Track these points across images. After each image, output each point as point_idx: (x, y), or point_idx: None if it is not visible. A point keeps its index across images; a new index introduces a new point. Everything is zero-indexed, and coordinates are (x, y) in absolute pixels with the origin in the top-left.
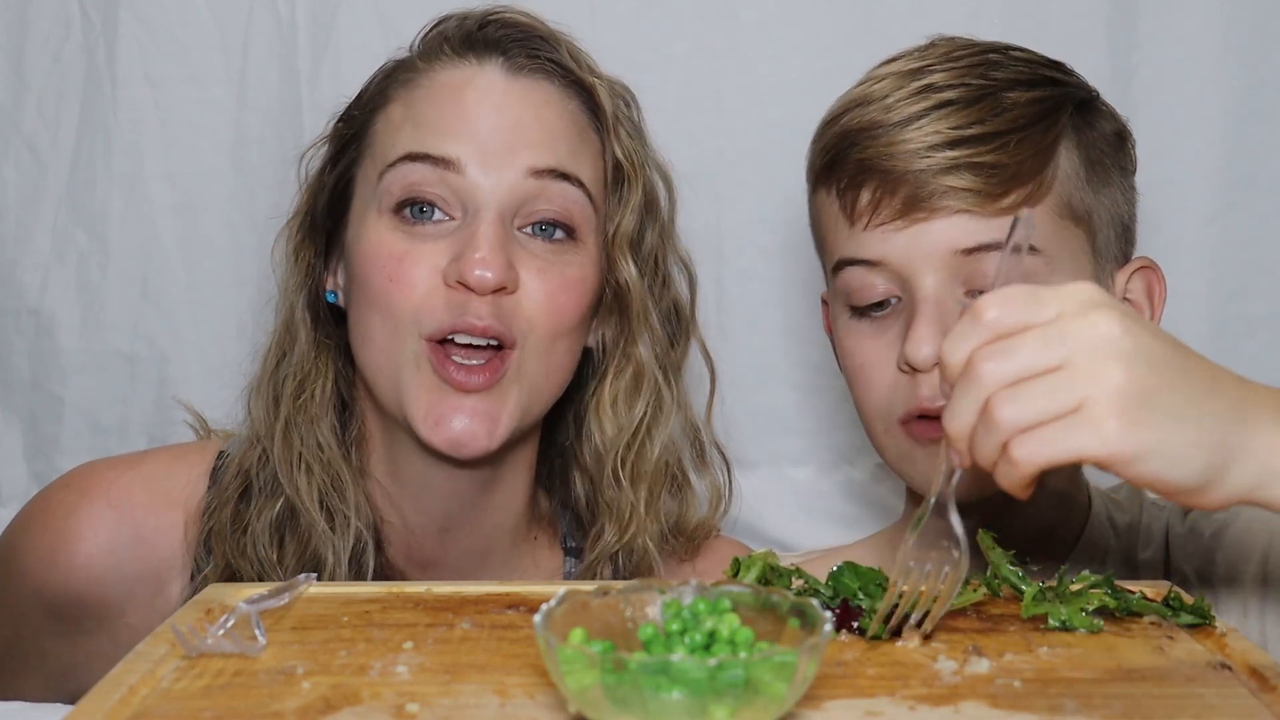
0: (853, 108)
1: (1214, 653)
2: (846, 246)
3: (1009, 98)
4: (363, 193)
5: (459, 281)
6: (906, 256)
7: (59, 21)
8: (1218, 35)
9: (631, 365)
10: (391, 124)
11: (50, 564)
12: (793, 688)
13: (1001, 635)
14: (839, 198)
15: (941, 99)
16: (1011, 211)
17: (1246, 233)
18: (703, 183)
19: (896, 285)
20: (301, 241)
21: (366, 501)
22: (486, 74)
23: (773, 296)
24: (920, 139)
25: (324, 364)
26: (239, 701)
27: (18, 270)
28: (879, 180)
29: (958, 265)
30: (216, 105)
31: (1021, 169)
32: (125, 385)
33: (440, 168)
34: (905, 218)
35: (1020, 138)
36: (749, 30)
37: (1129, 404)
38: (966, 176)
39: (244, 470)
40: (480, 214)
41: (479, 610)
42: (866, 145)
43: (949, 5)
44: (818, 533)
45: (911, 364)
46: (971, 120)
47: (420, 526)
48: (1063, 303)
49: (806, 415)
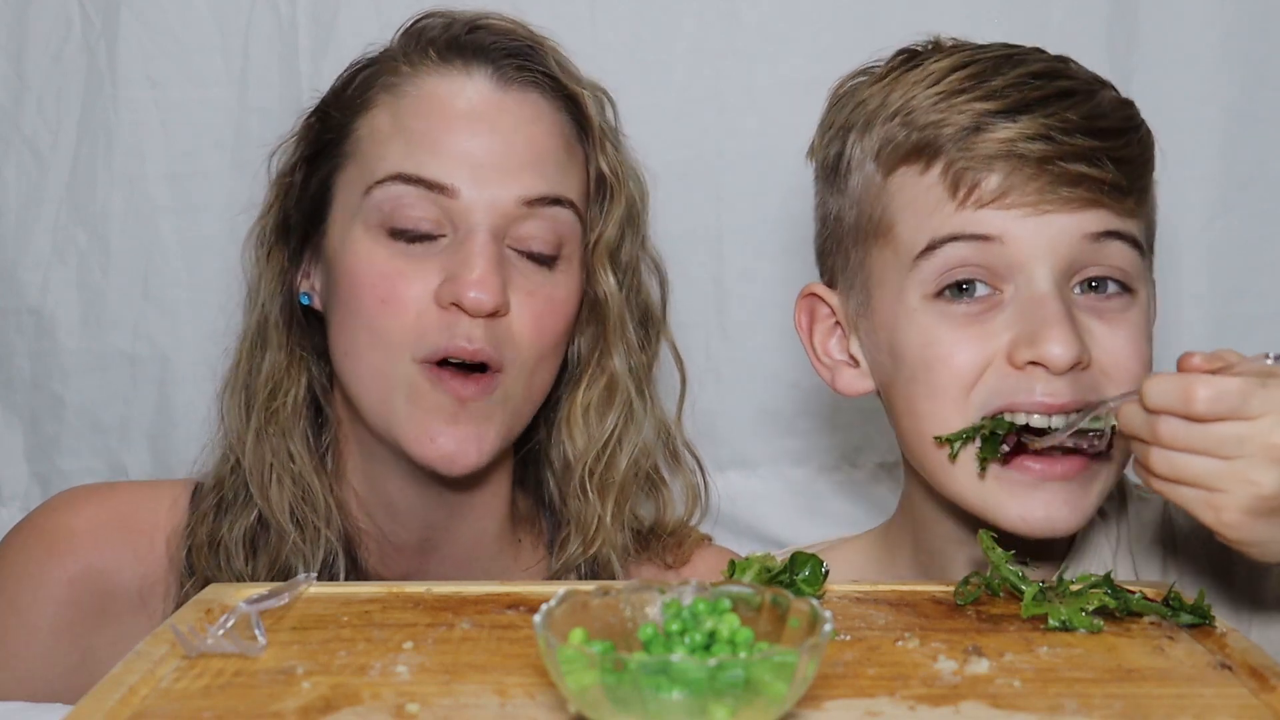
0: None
1: (1214, 653)
2: (949, 224)
3: (1112, 96)
4: (346, 201)
5: (453, 303)
6: (1028, 241)
7: (59, 21)
8: (1218, 35)
9: (605, 376)
10: (378, 133)
11: (17, 611)
12: (793, 688)
13: (1001, 635)
14: (949, 179)
15: (1060, 87)
16: (1132, 214)
17: (1246, 233)
18: (703, 183)
19: (1003, 272)
20: (275, 243)
21: (339, 511)
22: (475, 85)
23: (773, 296)
24: (1054, 124)
25: (296, 370)
26: (239, 701)
27: (18, 270)
28: (1011, 165)
29: (1078, 252)
30: (217, 105)
31: (1145, 170)
32: (126, 385)
33: (434, 191)
34: (1035, 206)
35: (1139, 138)
36: (749, 30)
37: (1259, 506)
38: (1106, 167)
39: (220, 481)
40: (473, 234)
41: (479, 610)
42: (987, 127)
43: (949, 5)
44: (818, 533)
45: (1049, 364)
46: (1099, 112)
47: (398, 538)
48: (1265, 407)
49: (806, 415)
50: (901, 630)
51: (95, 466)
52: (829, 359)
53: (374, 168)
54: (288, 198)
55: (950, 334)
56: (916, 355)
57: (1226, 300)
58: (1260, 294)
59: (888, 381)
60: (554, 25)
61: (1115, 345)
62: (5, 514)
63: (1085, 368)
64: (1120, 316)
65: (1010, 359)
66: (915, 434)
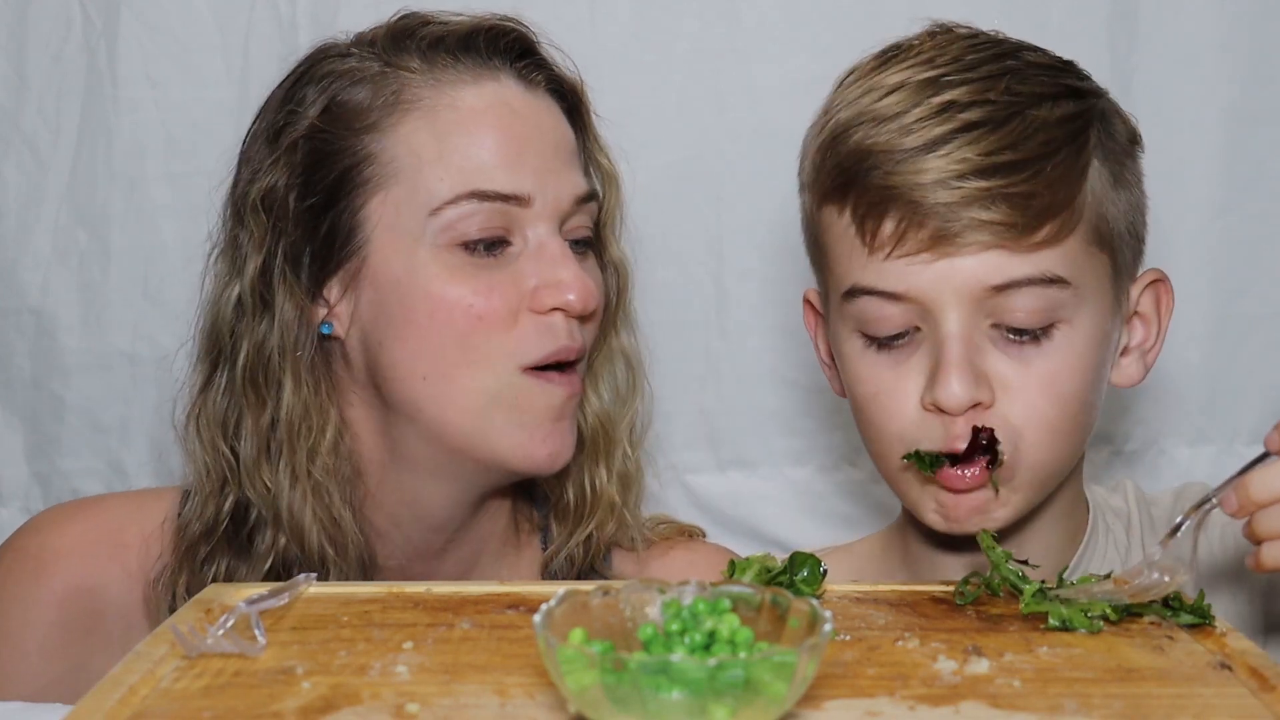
0: (863, 123)
1: (1214, 653)
2: (864, 275)
3: (1036, 116)
4: (397, 224)
5: (555, 308)
6: (933, 291)
7: (59, 21)
8: (1218, 35)
9: (611, 350)
10: (423, 152)
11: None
12: (793, 688)
13: (1001, 635)
14: (856, 222)
15: (967, 120)
16: (1044, 246)
17: (1246, 233)
18: (703, 183)
19: (917, 317)
20: (282, 280)
21: (361, 533)
22: (508, 89)
23: (773, 296)
24: (948, 167)
25: (328, 406)
26: (239, 701)
27: (19, 270)
28: (904, 211)
29: (985, 300)
30: (217, 105)
31: (1056, 198)
32: (126, 385)
33: (511, 204)
34: (932, 250)
35: (1054, 163)
36: (749, 30)
37: None
38: (1001, 209)
39: (216, 523)
40: (550, 238)
41: (479, 610)
42: (889, 171)
43: (949, 5)
44: (818, 533)
45: (943, 407)
46: (1003, 145)
47: (425, 543)
48: None
49: (806, 415)
50: (901, 630)
51: (95, 466)
52: (828, 360)
53: (433, 189)
54: (289, 232)
55: (875, 372)
56: (852, 387)
57: (1227, 300)
58: (1260, 294)
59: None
60: (554, 25)
61: (1023, 387)
62: (5, 514)
63: (987, 408)
64: (1033, 358)
65: (921, 401)
66: (872, 451)
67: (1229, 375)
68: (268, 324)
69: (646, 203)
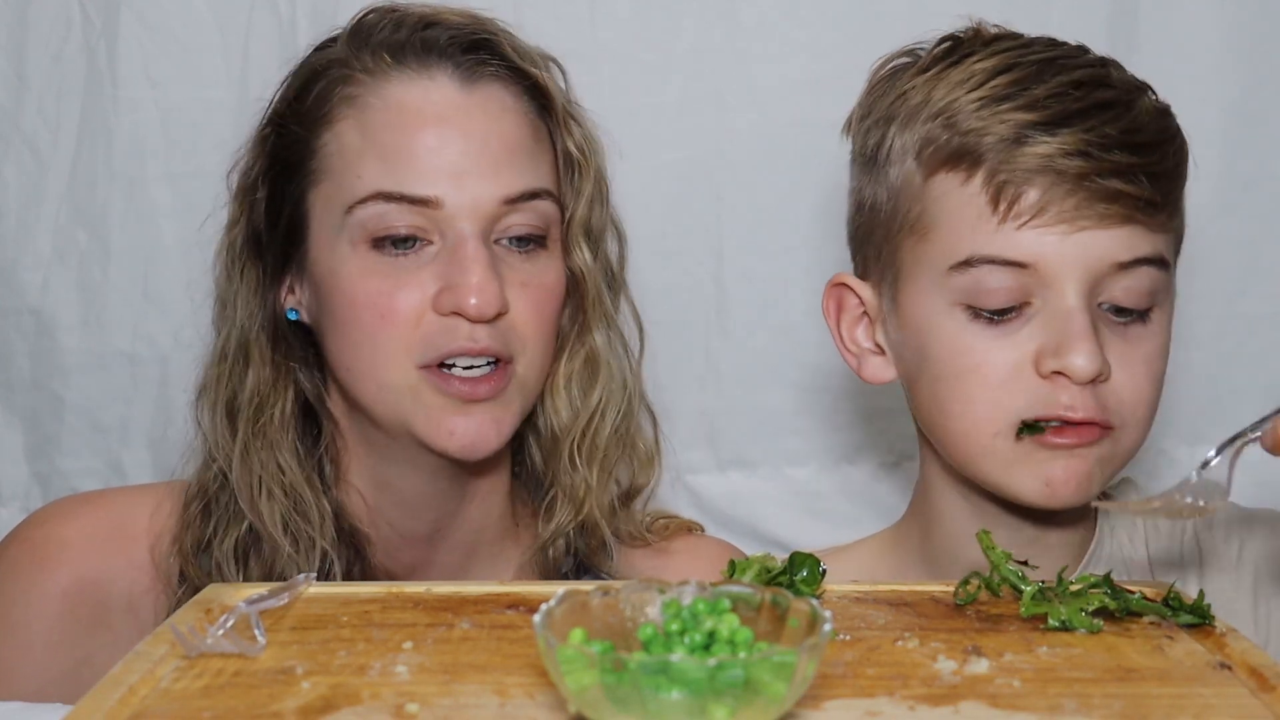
0: (984, 99)
1: (1214, 653)
2: (989, 244)
3: (1147, 103)
4: (326, 219)
5: (454, 311)
6: (1062, 262)
7: (59, 21)
8: (1218, 35)
9: (585, 349)
10: (348, 150)
11: (10, 628)
12: (793, 688)
13: (1001, 635)
14: (990, 191)
15: (1101, 99)
16: (1162, 228)
17: (1246, 233)
18: (703, 183)
19: (1034, 289)
20: (248, 260)
21: (339, 514)
22: (440, 89)
23: (773, 296)
24: (1093, 139)
25: (283, 384)
26: (239, 701)
27: (19, 270)
28: (1050, 180)
29: (1105, 277)
30: (217, 106)
31: (1177, 180)
32: (126, 385)
33: (417, 205)
34: (1071, 222)
35: (1175, 147)
36: (749, 30)
37: None
38: (1141, 183)
39: (204, 489)
40: (463, 241)
41: (479, 610)
42: (1035, 140)
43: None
44: (818, 533)
45: (1072, 376)
46: (1137, 124)
47: (408, 530)
48: None
49: (806, 415)
50: (901, 630)
51: (95, 466)
52: (855, 346)
53: (352, 186)
54: (254, 214)
55: (979, 343)
56: (945, 360)
57: (1227, 300)
58: (1260, 294)
59: (912, 375)
60: (554, 25)
61: (1131, 365)
62: (5, 514)
63: (1104, 381)
64: (1139, 337)
65: (1036, 367)
66: (942, 427)
67: (1229, 375)
68: (242, 302)
69: (646, 203)
